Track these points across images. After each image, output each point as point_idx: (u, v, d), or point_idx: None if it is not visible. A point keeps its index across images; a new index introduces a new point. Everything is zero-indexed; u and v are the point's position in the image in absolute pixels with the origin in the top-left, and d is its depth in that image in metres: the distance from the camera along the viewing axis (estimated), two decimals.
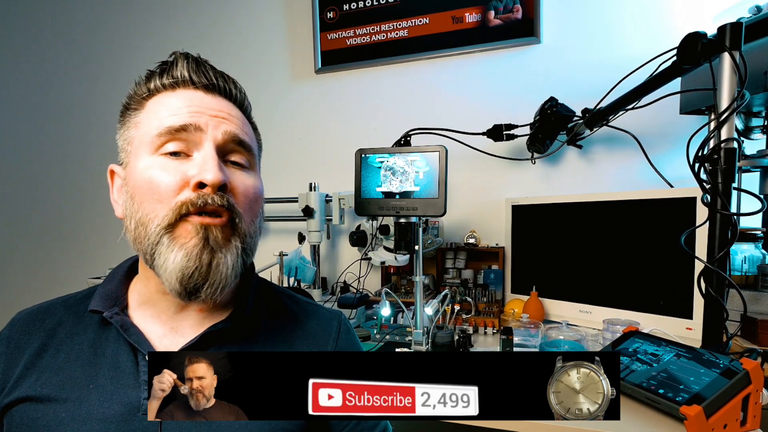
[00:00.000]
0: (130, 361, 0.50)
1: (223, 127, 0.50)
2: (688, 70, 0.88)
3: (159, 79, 0.51)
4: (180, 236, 0.47)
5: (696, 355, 0.72)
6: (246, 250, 0.51)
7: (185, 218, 0.47)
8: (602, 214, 1.15)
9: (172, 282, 0.46)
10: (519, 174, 1.48)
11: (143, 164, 0.49)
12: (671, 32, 1.29)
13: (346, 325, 0.62)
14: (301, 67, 1.73)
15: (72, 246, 2.12)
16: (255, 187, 0.53)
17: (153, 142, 0.48)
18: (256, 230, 0.54)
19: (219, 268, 0.47)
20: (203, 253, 0.47)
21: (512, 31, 1.44)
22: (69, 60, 2.09)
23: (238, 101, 0.55)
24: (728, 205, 0.78)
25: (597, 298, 1.15)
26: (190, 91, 0.51)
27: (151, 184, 0.47)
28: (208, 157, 0.48)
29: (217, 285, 0.48)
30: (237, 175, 0.51)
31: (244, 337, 0.53)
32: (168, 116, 0.49)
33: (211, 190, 0.47)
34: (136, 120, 0.51)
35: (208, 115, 0.50)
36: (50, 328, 0.53)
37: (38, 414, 0.47)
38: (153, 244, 0.47)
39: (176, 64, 0.51)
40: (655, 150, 1.25)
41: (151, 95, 0.51)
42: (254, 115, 0.59)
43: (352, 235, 1.35)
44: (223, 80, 0.53)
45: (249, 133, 0.55)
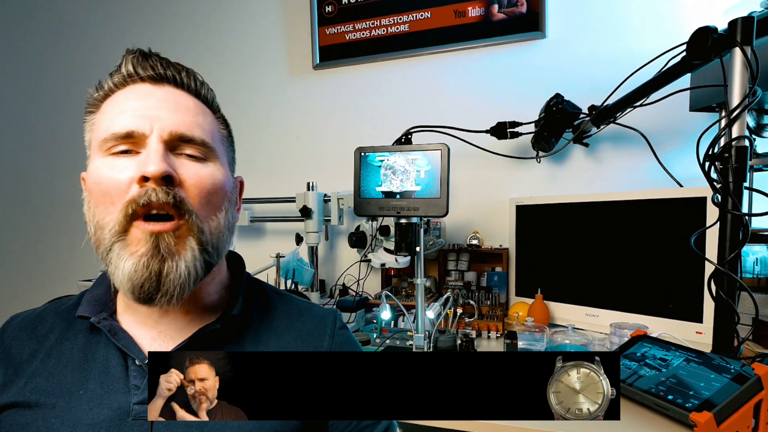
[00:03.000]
0: (119, 366, 0.50)
1: (171, 119, 0.49)
2: (698, 65, 0.89)
3: (110, 79, 0.51)
4: (131, 244, 0.46)
5: (706, 360, 0.72)
6: (206, 249, 0.49)
7: (134, 223, 0.46)
8: (609, 214, 1.15)
9: (125, 290, 0.46)
10: (523, 173, 1.48)
11: (95, 165, 0.49)
12: (681, 27, 1.29)
13: (341, 322, 0.62)
14: (299, 63, 1.73)
15: (62, 247, 2.12)
16: (212, 177, 0.51)
17: (102, 145, 0.49)
18: (220, 225, 0.52)
19: (170, 277, 0.46)
20: (152, 262, 0.46)
21: (516, 25, 1.44)
22: (58, 59, 2.09)
23: (192, 90, 0.54)
24: (739, 205, 0.78)
25: (604, 301, 1.15)
26: (138, 85, 0.51)
27: (100, 184, 0.47)
28: (152, 150, 0.47)
29: (172, 293, 0.46)
30: (187, 166, 0.50)
31: (236, 337, 0.54)
32: (115, 116, 0.49)
33: (154, 183, 0.46)
34: (92, 122, 0.52)
35: (154, 112, 0.49)
36: (41, 335, 0.54)
37: (27, 420, 0.48)
38: (106, 251, 0.47)
39: (124, 60, 0.51)
40: (664, 148, 1.25)
41: (106, 96, 0.52)
42: (250, 112, 0.60)
43: (352, 236, 1.35)
44: (173, 70, 0.52)
45: (203, 123, 0.52)
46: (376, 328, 1.16)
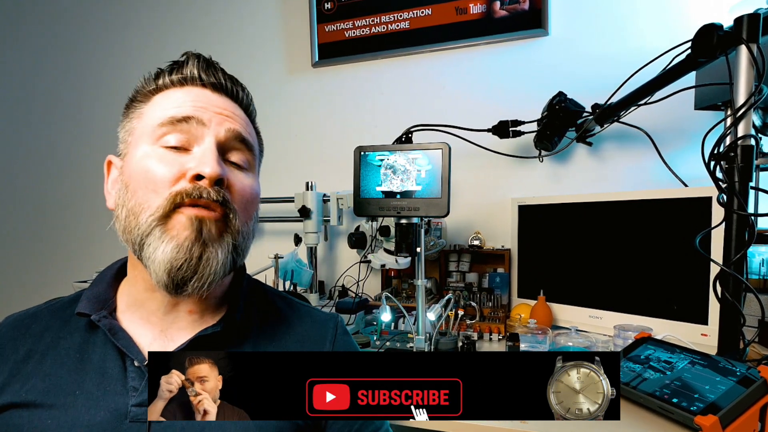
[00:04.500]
0: (117, 366, 0.50)
1: (227, 124, 0.53)
2: (703, 63, 0.88)
3: (168, 75, 0.54)
4: (173, 228, 0.48)
5: (711, 362, 0.72)
6: (237, 249, 0.52)
7: (179, 209, 0.48)
8: (613, 214, 1.15)
9: (160, 273, 0.47)
10: (526, 173, 1.48)
11: (141, 153, 0.51)
12: (686, 24, 1.29)
13: (343, 327, 0.63)
14: (297, 60, 1.73)
15: (57, 249, 2.12)
16: (252, 188, 0.55)
17: (154, 132, 0.51)
18: (249, 232, 0.55)
19: (209, 262, 0.49)
20: (194, 246, 0.48)
21: (519, 22, 1.44)
22: (55, 58, 2.09)
23: (244, 104, 0.58)
24: (745, 205, 0.78)
25: (608, 302, 1.15)
26: (197, 88, 0.54)
27: (147, 173, 0.49)
28: (208, 150, 0.50)
29: (206, 279, 0.49)
30: (235, 174, 0.53)
31: (236, 340, 0.55)
32: (172, 108, 0.51)
33: (208, 183, 0.49)
34: (140, 111, 0.54)
35: (212, 111, 0.52)
36: (36, 334, 0.54)
37: (23, 421, 0.48)
38: (143, 235, 0.48)
39: (187, 62, 0.54)
40: (668, 147, 1.25)
41: (159, 90, 0.54)
42: None
43: (351, 237, 1.35)
44: (231, 82, 0.56)
45: (252, 134, 0.57)
46: (375, 330, 1.16)
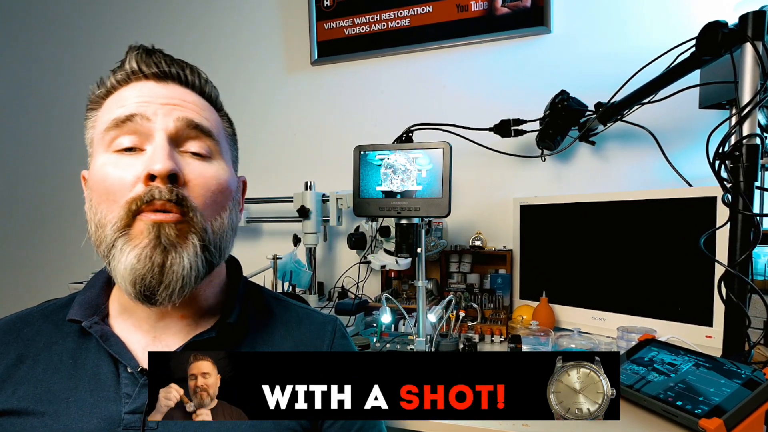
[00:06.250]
0: (110, 373, 0.50)
1: (176, 113, 0.50)
2: (708, 61, 0.89)
3: (113, 76, 0.52)
4: (135, 237, 0.47)
5: (716, 364, 0.72)
6: (208, 247, 0.50)
7: (138, 216, 0.47)
8: (616, 214, 1.15)
9: (126, 286, 0.47)
10: (528, 172, 1.48)
11: (99, 162, 0.49)
12: (690, 21, 1.29)
13: (341, 330, 0.62)
14: (296, 58, 1.73)
15: (53, 249, 2.12)
16: (216, 177, 0.52)
17: (104, 138, 0.49)
18: (224, 225, 0.53)
19: (173, 269, 0.47)
20: (154, 254, 0.46)
21: (521, 20, 1.44)
22: (49, 57, 2.09)
23: (197, 88, 0.55)
24: (751, 205, 0.78)
25: (611, 304, 1.15)
26: (141, 82, 0.52)
27: (104, 182, 0.48)
28: (158, 146, 0.48)
29: (174, 286, 0.47)
30: (193, 166, 0.51)
31: (231, 346, 0.54)
32: (117, 108, 0.50)
33: (161, 181, 0.47)
34: (94, 119, 0.53)
35: (157, 103, 0.50)
36: (28, 338, 0.53)
37: (15, 428, 0.47)
38: (108, 248, 0.47)
39: (127, 57, 0.52)
40: (672, 147, 1.25)
41: (109, 93, 0.52)
42: (246, 109, 0.60)
43: (351, 237, 1.35)
44: (177, 67, 0.53)
45: (210, 118, 0.54)
46: (375, 332, 1.16)
